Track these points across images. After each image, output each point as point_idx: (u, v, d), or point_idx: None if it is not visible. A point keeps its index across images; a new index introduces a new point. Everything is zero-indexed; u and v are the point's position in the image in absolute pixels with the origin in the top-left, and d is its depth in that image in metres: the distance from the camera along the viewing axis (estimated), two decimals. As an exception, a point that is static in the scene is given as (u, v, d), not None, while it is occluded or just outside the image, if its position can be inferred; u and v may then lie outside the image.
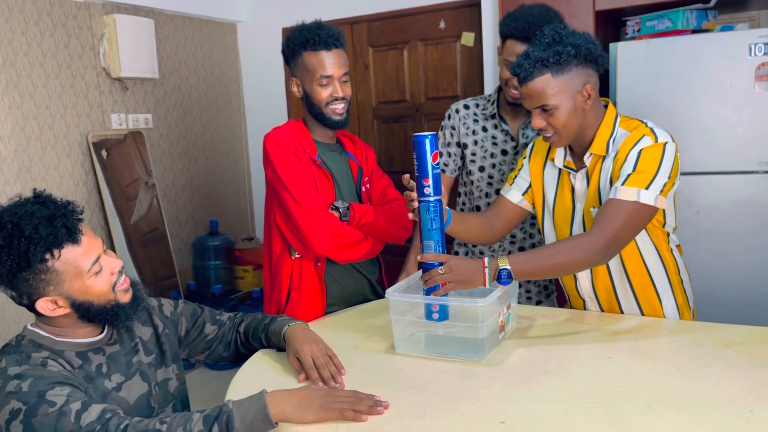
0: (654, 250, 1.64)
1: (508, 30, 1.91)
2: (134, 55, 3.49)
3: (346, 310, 1.89)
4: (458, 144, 2.12)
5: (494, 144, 2.07)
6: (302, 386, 1.31)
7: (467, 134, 2.10)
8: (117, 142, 3.51)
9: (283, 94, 4.19)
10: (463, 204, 2.21)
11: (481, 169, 2.09)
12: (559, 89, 1.52)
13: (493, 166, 2.08)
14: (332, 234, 1.76)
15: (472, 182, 2.13)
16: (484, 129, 2.09)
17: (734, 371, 1.31)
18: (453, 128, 2.12)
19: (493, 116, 2.08)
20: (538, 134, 1.95)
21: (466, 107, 2.12)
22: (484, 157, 2.08)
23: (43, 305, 1.23)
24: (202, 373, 3.58)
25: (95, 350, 1.31)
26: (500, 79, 1.99)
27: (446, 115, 2.15)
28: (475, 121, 2.10)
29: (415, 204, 1.51)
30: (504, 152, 2.07)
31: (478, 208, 2.14)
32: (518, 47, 1.87)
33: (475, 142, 2.09)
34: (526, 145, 2.01)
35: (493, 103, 2.08)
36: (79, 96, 3.34)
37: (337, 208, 1.80)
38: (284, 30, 4.06)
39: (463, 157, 2.14)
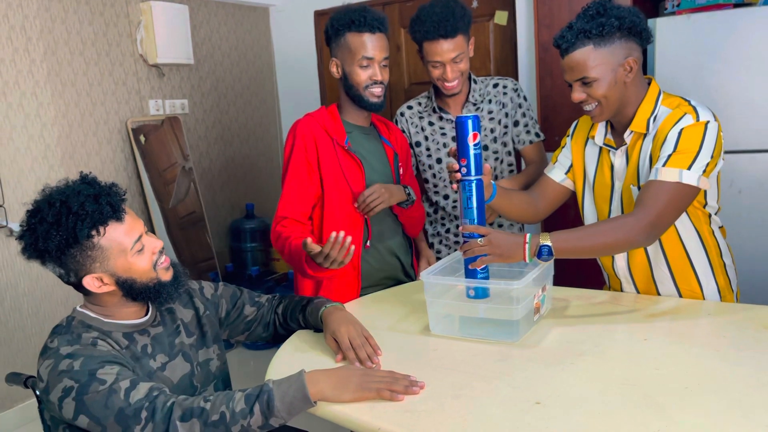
0: (694, 232, 1.61)
1: (420, 35, 1.95)
2: (170, 41, 3.54)
3: (380, 291, 1.92)
4: (410, 145, 2.17)
5: (443, 134, 2.14)
6: (339, 366, 1.34)
7: (417, 132, 2.17)
8: (155, 127, 3.57)
9: (315, 76, 4.21)
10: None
11: (439, 161, 2.16)
12: (600, 61, 1.49)
13: (449, 155, 2.10)
14: (274, 239, 1.84)
15: (434, 175, 2.19)
16: (431, 123, 2.15)
17: (774, 354, 1.29)
18: (402, 131, 2.17)
19: (434, 110, 2.13)
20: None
21: (410, 107, 2.19)
22: (438, 149, 2.15)
23: (89, 281, 1.28)
24: (240, 353, 3.66)
25: (140, 331, 1.36)
26: (432, 78, 2.02)
27: (394, 120, 2.20)
28: (421, 117, 2.17)
29: (458, 176, 1.53)
30: (454, 139, 2.08)
31: (447, 197, 2.19)
32: (438, 46, 1.93)
33: (426, 138, 2.16)
34: None
35: (431, 99, 2.15)
36: (117, 83, 3.41)
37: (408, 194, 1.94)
38: (316, 13, 4.06)
39: (418, 156, 2.19)
